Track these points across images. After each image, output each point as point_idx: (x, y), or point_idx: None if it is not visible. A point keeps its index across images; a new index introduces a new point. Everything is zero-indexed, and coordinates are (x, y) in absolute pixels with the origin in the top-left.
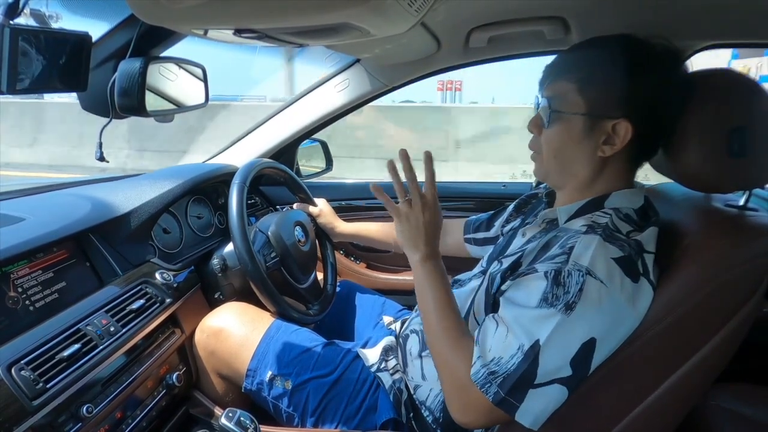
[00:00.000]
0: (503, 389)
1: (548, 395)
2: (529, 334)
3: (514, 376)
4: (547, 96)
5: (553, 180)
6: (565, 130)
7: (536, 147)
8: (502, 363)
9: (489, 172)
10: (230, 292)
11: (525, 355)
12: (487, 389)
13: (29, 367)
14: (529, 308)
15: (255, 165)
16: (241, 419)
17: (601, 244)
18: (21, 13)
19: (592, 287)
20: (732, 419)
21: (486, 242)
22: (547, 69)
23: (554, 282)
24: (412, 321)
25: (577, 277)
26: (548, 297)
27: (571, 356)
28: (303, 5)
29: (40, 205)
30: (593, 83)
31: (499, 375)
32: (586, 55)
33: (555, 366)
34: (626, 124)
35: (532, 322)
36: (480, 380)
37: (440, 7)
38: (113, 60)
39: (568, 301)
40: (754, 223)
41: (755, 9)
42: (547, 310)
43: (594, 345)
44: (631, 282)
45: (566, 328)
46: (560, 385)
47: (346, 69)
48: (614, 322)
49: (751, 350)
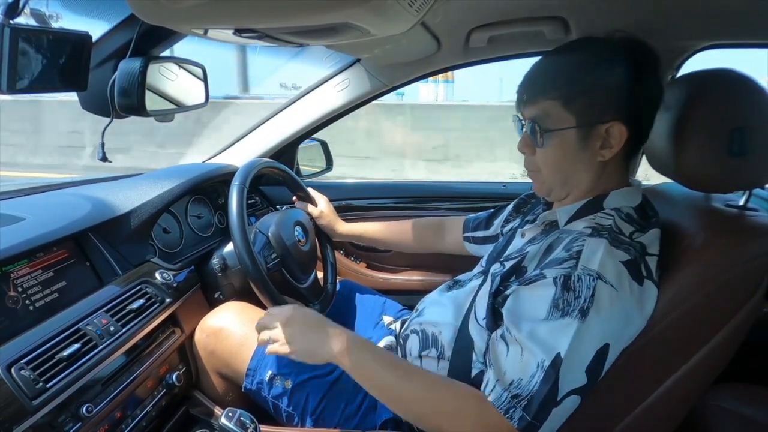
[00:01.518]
0: (529, 413)
1: (565, 409)
2: (548, 349)
3: (538, 398)
4: (532, 117)
5: (557, 194)
6: (560, 146)
7: (532, 166)
8: (523, 385)
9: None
10: (230, 292)
11: (546, 372)
12: (512, 414)
13: (29, 367)
14: (540, 320)
15: (254, 165)
16: (241, 419)
17: (608, 248)
18: (21, 12)
19: (604, 292)
20: (732, 419)
21: (485, 241)
22: (522, 89)
23: (564, 287)
24: (412, 321)
25: (587, 281)
26: (559, 303)
27: (587, 364)
28: (303, 5)
29: (40, 205)
30: (576, 95)
31: (523, 398)
32: (563, 68)
33: (573, 377)
34: (619, 125)
35: (549, 335)
36: (503, 405)
37: (440, 7)
38: (113, 60)
39: (582, 307)
40: (754, 223)
41: (755, 9)
42: (562, 320)
43: (608, 350)
44: (638, 285)
45: (583, 335)
46: (576, 395)
47: (346, 69)
48: (624, 325)
49: (751, 350)
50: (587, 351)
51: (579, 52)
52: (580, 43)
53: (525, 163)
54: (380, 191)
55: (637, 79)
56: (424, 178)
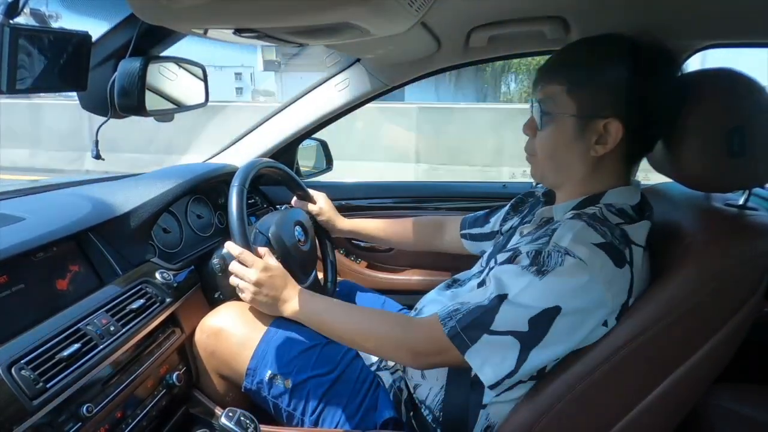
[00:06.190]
0: (460, 324)
1: (500, 344)
2: (500, 287)
3: (472, 315)
4: (539, 99)
5: (549, 181)
6: (557, 131)
7: (531, 149)
8: (465, 305)
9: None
10: (230, 292)
11: (490, 301)
12: (446, 323)
13: (29, 367)
14: (507, 269)
15: (253, 166)
16: (241, 419)
17: (583, 229)
18: (21, 12)
19: (570, 263)
20: (732, 419)
21: (482, 238)
22: (538, 72)
23: (533, 261)
24: None
25: (556, 257)
26: (526, 270)
27: (531, 315)
28: (303, 5)
29: (40, 205)
30: (581, 84)
31: (460, 312)
32: (573, 57)
33: (514, 319)
34: (617, 123)
35: (506, 278)
36: (443, 314)
37: (440, 7)
38: (113, 59)
39: (541, 269)
40: (754, 222)
41: (755, 9)
42: (520, 271)
43: (557, 313)
44: (614, 266)
45: (535, 290)
46: (514, 338)
47: (346, 69)
48: (586, 300)
49: (751, 350)
50: (535, 303)
51: (590, 47)
52: (593, 39)
53: (525, 146)
54: (380, 191)
55: (641, 80)
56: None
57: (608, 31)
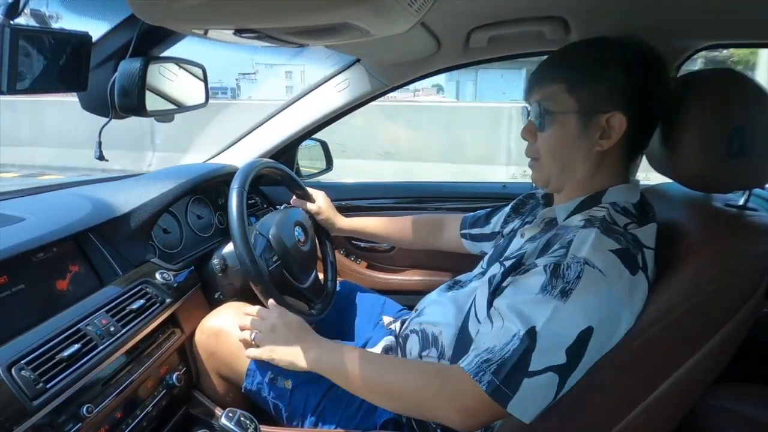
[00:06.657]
0: (498, 377)
1: (541, 385)
2: (525, 320)
3: (509, 364)
4: (537, 100)
5: (554, 185)
6: (560, 130)
7: (533, 153)
8: (495, 351)
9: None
10: (230, 292)
11: (521, 340)
12: (481, 378)
13: (29, 367)
14: (526, 296)
15: (253, 167)
16: (241, 419)
17: (598, 237)
18: (21, 13)
19: (590, 276)
20: (732, 419)
21: (482, 238)
22: (532, 77)
23: (553, 275)
24: (411, 321)
25: (575, 268)
26: (547, 287)
27: (567, 344)
28: (303, 5)
29: (40, 205)
30: (581, 80)
31: (493, 362)
32: (571, 57)
33: (550, 354)
34: (620, 116)
35: (528, 306)
36: (473, 369)
37: (440, 7)
38: (113, 60)
39: (564, 288)
40: (754, 222)
41: (755, 9)
42: (543, 297)
43: (591, 334)
44: (630, 274)
45: (563, 314)
46: (553, 373)
47: (346, 69)
48: (611, 312)
49: (751, 350)
50: (568, 331)
51: (588, 47)
52: (591, 41)
53: (526, 151)
54: (380, 191)
55: (643, 76)
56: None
57: (608, 31)
